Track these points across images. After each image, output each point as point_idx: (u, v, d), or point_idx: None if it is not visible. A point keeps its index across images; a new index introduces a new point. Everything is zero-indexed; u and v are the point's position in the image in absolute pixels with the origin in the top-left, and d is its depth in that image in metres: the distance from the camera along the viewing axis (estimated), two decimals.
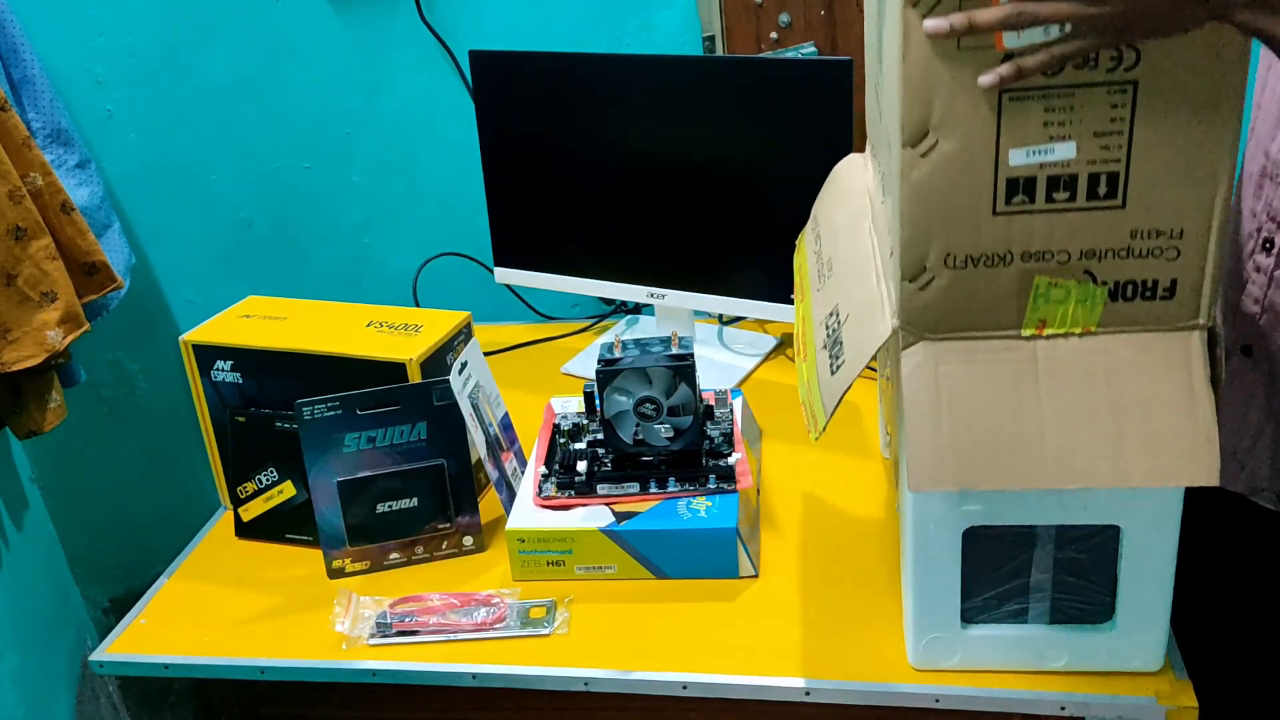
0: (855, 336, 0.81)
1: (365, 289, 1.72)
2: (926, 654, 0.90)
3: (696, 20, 1.51)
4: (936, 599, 0.87)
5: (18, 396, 1.34)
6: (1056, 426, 0.75)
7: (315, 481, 1.09)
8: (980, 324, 0.76)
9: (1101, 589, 0.86)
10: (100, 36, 1.58)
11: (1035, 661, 0.89)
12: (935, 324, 0.76)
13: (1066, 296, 0.74)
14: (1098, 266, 0.74)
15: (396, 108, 1.61)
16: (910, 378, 0.76)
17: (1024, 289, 0.75)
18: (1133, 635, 0.87)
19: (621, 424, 1.07)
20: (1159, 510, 0.82)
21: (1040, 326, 0.75)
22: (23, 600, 1.44)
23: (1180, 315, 0.74)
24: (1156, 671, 0.88)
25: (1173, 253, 0.73)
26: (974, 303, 0.75)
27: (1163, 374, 0.74)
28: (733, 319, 1.54)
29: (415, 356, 1.11)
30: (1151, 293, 0.74)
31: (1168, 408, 0.74)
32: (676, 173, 1.35)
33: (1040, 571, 0.86)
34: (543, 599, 1.04)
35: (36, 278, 1.28)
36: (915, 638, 0.90)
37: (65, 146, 1.49)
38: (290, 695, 1.09)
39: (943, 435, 0.75)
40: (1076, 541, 0.85)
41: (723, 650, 0.97)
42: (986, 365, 0.76)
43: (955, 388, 0.76)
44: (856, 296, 0.83)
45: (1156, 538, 0.83)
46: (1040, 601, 0.87)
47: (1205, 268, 0.73)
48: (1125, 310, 0.75)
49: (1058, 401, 0.75)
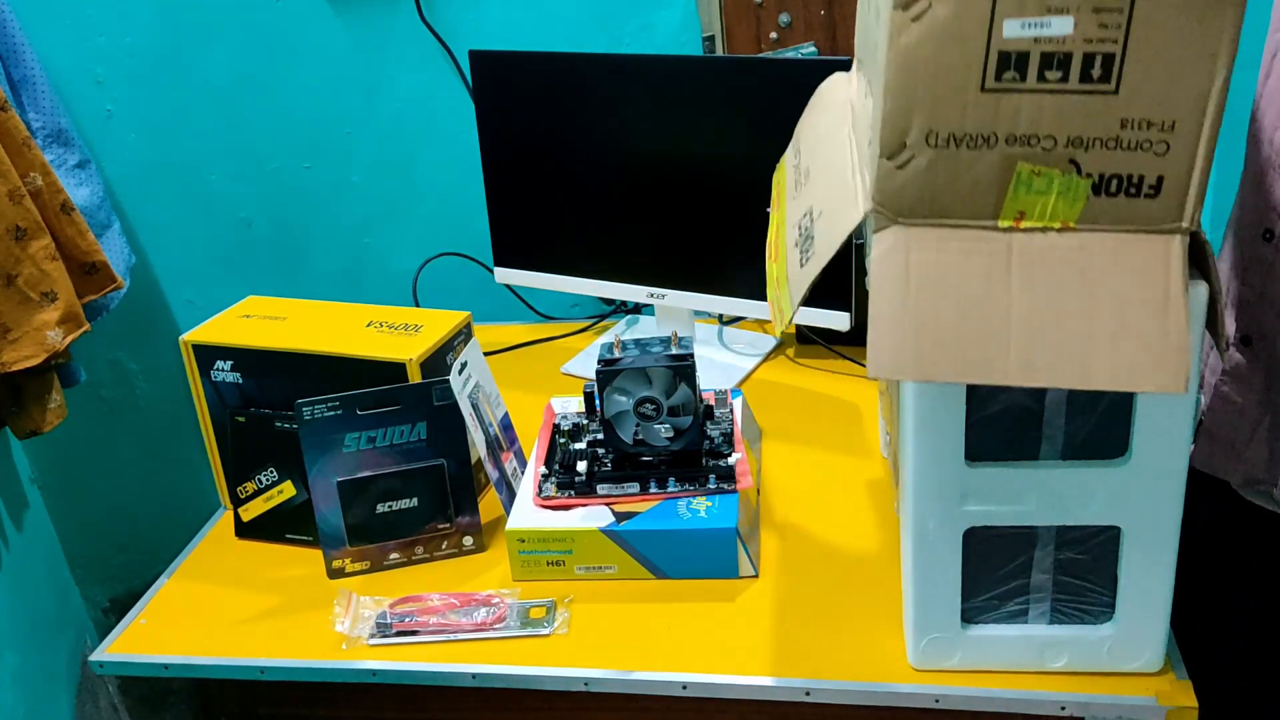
0: (826, 227, 0.79)
1: (365, 289, 1.72)
2: (927, 654, 0.90)
3: (696, 20, 1.52)
4: (936, 599, 0.87)
5: (18, 396, 1.34)
6: (1024, 323, 0.72)
7: (315, 481, 1.09)
8: (956, 211, 0.73)
9: (1102, 590, 0.86)
10: (100, 36, 1.58)
11: (1035, 662, 0.89)
12: (910, 208, 0.73)
13: (1048, 187, 0.72)
14: (1084, 156, 0.71)
15: (396, 108, 1.61)
16: (879, 262, 0.74)
17: (1005, 176, 0.72)
18: (1133, 636, 0.87)
19: (621, 424, 1.07)
20: (1159, 512, 0.82)
21: (1018, 218, 0.73)
22: (23, 600, 1.44)
23: (1163, 216, 0.71)
24: (1156, 672, 0.88)
25: (1162, 146, 0.70)
26: (952, 186, 0.72)
27: (1139, 276, 0.72)
28: (733, 319, 1.55)
29: (415, 356, 1.11)
30: (1136, 189, 0.71)
31: (1141, 311, 0.71)
32: (676, 173, 1.35)
33: (1040, 572, 0.86)
34: (543, 599, 1.04)
35: (36, 278, 1.28)
36: (915, 638, 0.90)
37: (65, 146, 1.49)
38: (290, 695, 1.09)
39: (907, 323, 0.73)
40: (1077, 542, 0.85)
41: (723, 650, 0.97)
42: (959, 255, 0.73)
43: (924, 276, 0.73)
44: (832, 194, 0.81)
45: (1157, 539, 0.83)
46: (1040, 602, 0.87)
47: (1194, 166, 0.70)
48: (1107, 206, 0.72)
49: (1028, 297, 0.72)
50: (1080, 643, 0.88)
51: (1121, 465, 0.81)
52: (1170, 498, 0.82)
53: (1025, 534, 0.85)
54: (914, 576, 0.87)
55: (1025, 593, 0.87)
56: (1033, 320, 0.72)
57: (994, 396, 0.80)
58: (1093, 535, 0.84)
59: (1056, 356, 0.72)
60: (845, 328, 1.31)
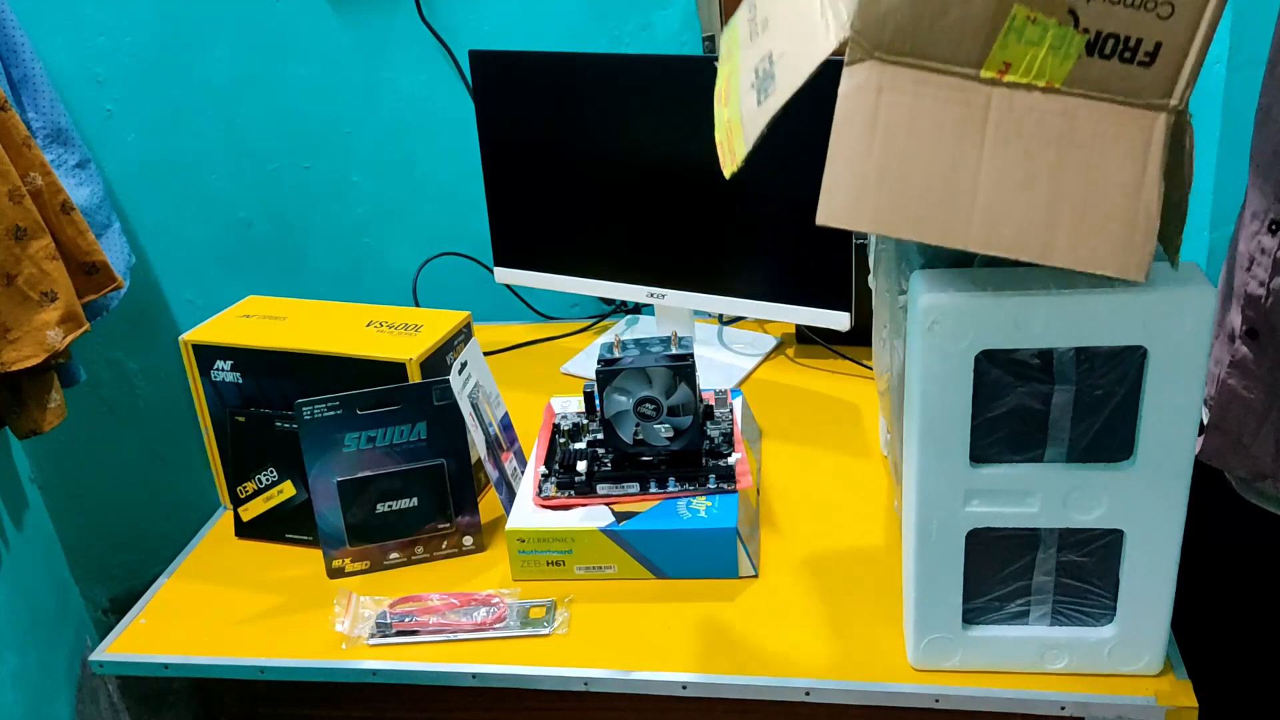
0: (790, 65, 0.74)
1: (365, 289, 1.72)
2: (927, 654, 0.90)
3: (696, 20, 1.52)
4: (938, 600, 0.87)
5: (18, 396, 1.34)
6: (992, 186, 0.69)
7: (315, 481, 1.09)
8: (938, 52, 0.68)
9: (1103, 592, 0.86)
10: (100, 36, 1.58)
11: (1035, 663, 0.89)
12: (890, 40, 0.69)
13: (1041, 38, 0.68)
14: (1084, 8, 0.67)
15: (396, 108, 1.61)
16: (847, 97, 0.70)
17: (997, 20, 0.68)
18: (1133, 638, 0.87)
19: (621, 424, 1.07)
20: (1163, 515, 0.82)
21: (1002, 70, 0.69)
22: (22, 600, 1.44)
23: (1153, 89, 0.68)
24: (1157, 674, 0.88)
25: (1167, 9, 0.66)
26: (939, 23, 0.68)
27: (1116, 153, 0.69)
28: (733, 319, 1.55)
29: (415, 356, 1.11)
30: (1131, 54, 0.68)
31: (1113, 190, 0.69)
32: (676, 173, 1.35)
33: (1042, 574, 0.86)
34: (543, 599, 1.04)
35: (36, 278, 1.28)
36: (916, 638, 0.90)
37: (65, 146, 1.49)
38: (290, 695, 1.09)
39: (869, 168, 0.69)
40: (1079, 545, 0.85)
41: (723, 650, 0.97)
42: (934, 102, 0.69)
43: (894, 119, 0.70)
44: (796, 33, 0.76)
45: (1160, 542, 0.83)
46: (1042, 604, 0.87)
47: (1194, 38, 0.67)
48: (1096, 71, 0.68)
49: (1000, 159, 0.69)
50: (1081, 645, 0.88)
51: (1127, 468, 0.81)
52: (1174, 501, 0.82)
53: (1028, 536, 0.85)
54: (916, 577, 0.87)
55: (1027, 594, 0.87)
56: (1001, 184, 0.69)
57: (1000, 398, 0.80)
58: (1096, 538, 0.84)
59: (1020, 226, 0.69)
60: (845, 328, 1.31)
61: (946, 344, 0.77)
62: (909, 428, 0.83)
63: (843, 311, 1.30)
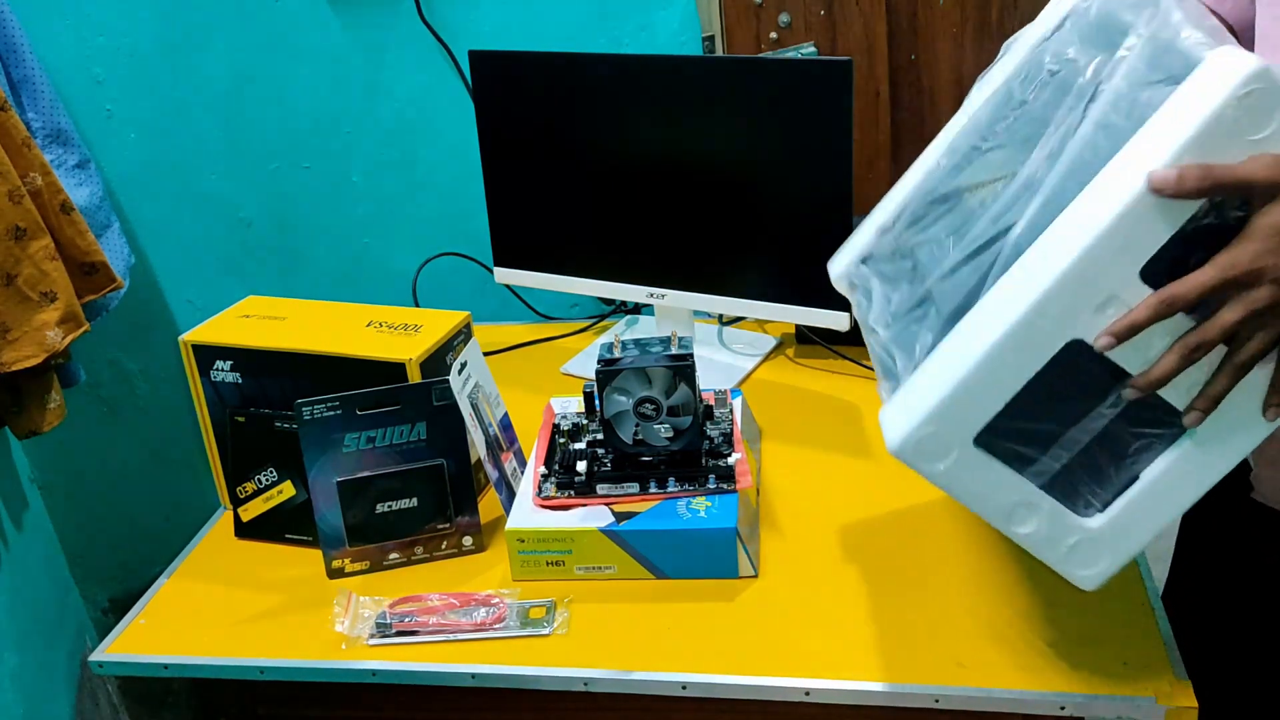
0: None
1: (365, 289, 1.72)
2: (917, 446, 0.79)
3: (696, 20, 1.52)
4: (973, 401, 0.78)
5: (17, 396, 1.34)
6: None
7: (315, 481, 1.09)
8: None
9: (1114, 482, 0.81)
10: (100, 36, 1.58)
11: (1002, 516, 0.82)
12: None
13: None
14: None
15: (396, 108, 1.61)
16: None
17: None
18: (1103, 545, 0.81)
19: (621, 424, 1.07)
20: (1219, 455, 0.78)
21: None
22: (22, 600, 1.44)
23: None
24: (1090, 590, 0.83)
25: None
26: None
27: None
28: (733, 319, 1.55)
29: (415, 356, 1.11)
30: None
31: None
32: (676, 173, 1.35)
33: (1084, 430, 0.79)
34: (542, 599, 1.04)
35: (36, 278, 1.28)
36: (918, 424, 0.79)
37: (65, 146, 1.49)
38: (290, 695, 1.09)
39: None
40: (1139, 421, 0.78)
41: (723, 650, 0.97)
42: None
43: None
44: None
45: (1192, 474, 0.79)
46: (1057, 459, 0.80)
47: None
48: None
49: None
50: (1057, 521, 0.81)
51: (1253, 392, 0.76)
52: (1229, 454, 0.78)
53: (1109, 382, 0.78)
54: (975, 364, 0.77)
55: (1053, 442, 0.80)
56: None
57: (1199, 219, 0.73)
58: (1158, 422, 0.78)
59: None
60: (845, 328, 1.31)
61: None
62: (1083, 215, 0.74)
63: (843, 311, 1.30)
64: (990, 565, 1.03)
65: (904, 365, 0.83)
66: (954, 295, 0.79)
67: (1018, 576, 1.01)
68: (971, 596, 0.99)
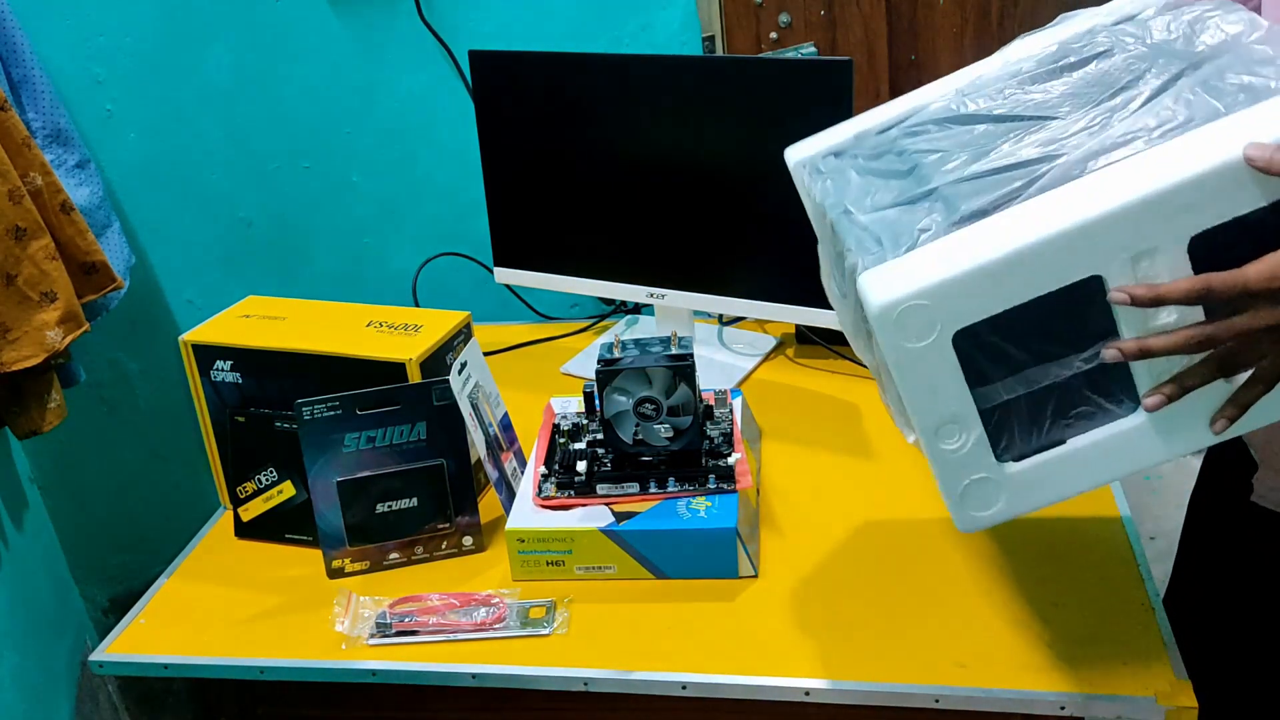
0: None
1: (365, 289, 1.72)
2: (901, 312, 0.75)
3: (696, 20, 1.52)
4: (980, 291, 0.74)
5: (18, 396, 1.34)
6: None
7: (315, 481, 1.09)
8: None
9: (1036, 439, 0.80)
10: (100, 36, 1.58)
11: (930, 424, 0.78)
12: None
13: None
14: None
15: (396, 108, 1.61)
16: None
17: None
18: (997, 493, 0.80)
19: (621, 424, 1.07)
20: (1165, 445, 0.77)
21: None
22: (23, 600, 1.44)
23: None
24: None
25: None
26: None
27: None
28: (733, 319, 1.55)
29: (415, 356, 1.11)
30: None
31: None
32: (676, 173, 1.35)
33: (1045, 371, 0.78)
34: (542, 599, 1.04)
35: (36, 278, 1.28)
36: (915, 292, 0.75)
37: (65, 146, 1.49)
38: (290, 695, 1.09)
39: None
40: (1094, 388, 0.78)
41: (723, 650, 0.97)
42: None
43: None
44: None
45: (1131, 453, 0.78)
46: (1008, 390, 0.78)
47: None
48: None
49: None
50: (972, 452, 0.79)
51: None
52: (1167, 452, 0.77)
53: (1098, 336, 0.76)
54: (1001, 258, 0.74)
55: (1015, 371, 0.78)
56: None
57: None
58: (1109, 396, 0.78)
59: None
60: None
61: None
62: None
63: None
64: (990, 565, 1.03)
65: (892, 245, 0.78)
66: (972, 198, 0.77)
67: (1018, 577, 1.01)
68: (971, 596, 0.99)
